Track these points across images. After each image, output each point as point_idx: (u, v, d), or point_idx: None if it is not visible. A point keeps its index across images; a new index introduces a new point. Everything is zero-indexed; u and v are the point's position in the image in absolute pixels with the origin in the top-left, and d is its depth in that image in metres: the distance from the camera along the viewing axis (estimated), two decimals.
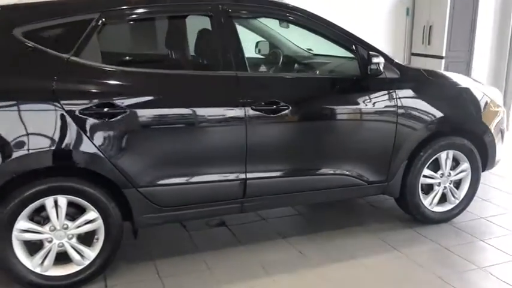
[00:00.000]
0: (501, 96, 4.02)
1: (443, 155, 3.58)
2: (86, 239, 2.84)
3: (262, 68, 3.92)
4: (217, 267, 3.11)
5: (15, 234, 2.64)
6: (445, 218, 3.73)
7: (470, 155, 3.65)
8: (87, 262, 2.83)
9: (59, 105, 2.58)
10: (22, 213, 2.63)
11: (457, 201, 3.74)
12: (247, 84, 3.00)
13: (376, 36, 7.00)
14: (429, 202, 3.64)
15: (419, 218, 3.66)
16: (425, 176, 3.57)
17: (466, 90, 3.66)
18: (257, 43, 4.21)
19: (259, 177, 3.09)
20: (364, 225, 3.69)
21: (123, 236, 2.91)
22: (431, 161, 3.55)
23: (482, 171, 3.83)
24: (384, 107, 3.31)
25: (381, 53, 3.30)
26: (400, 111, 3.34)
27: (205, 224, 3.72)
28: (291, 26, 3.45)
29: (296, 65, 3.94)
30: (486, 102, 3.70)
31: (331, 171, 3.27)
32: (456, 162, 3.68)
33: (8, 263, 2.66)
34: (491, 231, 3.61)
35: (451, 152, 3.60)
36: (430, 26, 6.75)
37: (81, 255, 2.82)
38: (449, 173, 3.65)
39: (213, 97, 2.95)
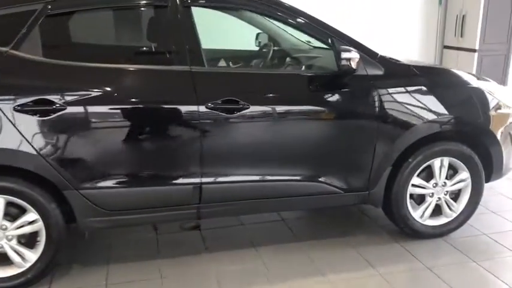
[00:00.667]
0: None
1: (436, 163, 3.17)
2: (30, 240, 2.73)
3: (246, 63, 3.65)
4: (171, 276, 2.90)
5: None
6: (439, 232, 3.32)
7: (470, 162, 3.22)
8: (28, 264, 2.71)
9: None
10: None
11: (454, 215, 3.32)
12: (202, 81, 2.75)
13: (406, 27, 6.53)
14: (420, 214, 3.24)
15: (408, 232, 3.27)
16: (414, 186, 3.18)
17: (467, 90, 3.22)
18: (257, 35, 3.95)
19: (216, 182, 2.85)
20: (346, 237, 3.36)
21: (65, 238, 2.77)
22: (422, 168, 3.15)
23: (487, 181, 3.38)
24: (362, 108, 2.96)
25: (360, 48, 2.95)
26: (382, 112, 2.97)
27: (179, 226, 3.54)
28: None
29: (275, 60, 3.62)
30: (492, 104, 3.24)
31: (300, 178, 2.96)
32: (454, 171, 3.27)
33: None
34: (491, 252, 3.16)
35: (446, 159, 3.18)
36: (463, 16, 6.17)
37: (22, 258, 2.70)
38: (445, 183, 3.24)
39: (164, 94, 2.72)
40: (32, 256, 2.71)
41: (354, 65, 2.79)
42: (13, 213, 2.66)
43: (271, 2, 2.88)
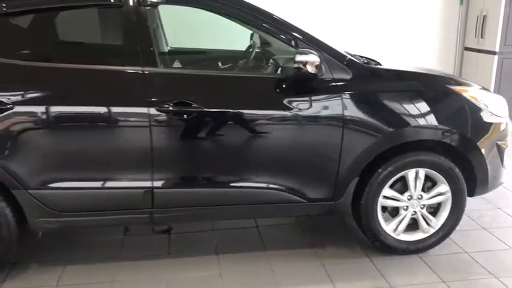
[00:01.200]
0: (505, 105, 3.23)
1: (410, 174, 2.95)
2: None
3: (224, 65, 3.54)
4: (123, 281, 2.85)
5: None
6: (415, 249, 3.09)
7: (449, 175, 2.98)
8: None
9: None
10: None
11: (432, 230, 3.09)
12: (154, 82, 2.67)
13: (425, 28, 6.23)
14: (393, 228, 3.04)
15: (380, 247, 3.07)
16: (387, 198, 2.98)
17: (447, 96, 2.97)
18: (252, 34, 3.84)
19: (168, 187, 2.76)
20: (316, 247, 3.19)
21: (17, 237, 2.76)
22: (394, 179, 2.95)
23: (471, 195, 3.13)
24: (325, 113, 2.78)
25: (326, 50, 2.78)
26: (348, 118, 2.78)
27: (151, 229, 3.48)
28: None
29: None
30: (476, 112, 2.99)
31: (258, 185, 2.83)
32: (434, 183, 3.04)
33: None
34: (467, 273, 2.91)
35: (422, 171, 2.96)
36: (484, 16, 5.80)
37: None
38: (421, 196, 3.02)
39: (115, 95, 2.66)
40: None
41: (311, 68, 2.63)
42: None
43: (229, 1, 2.76)
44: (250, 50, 3.65)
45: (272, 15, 2.83)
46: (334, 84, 2.79)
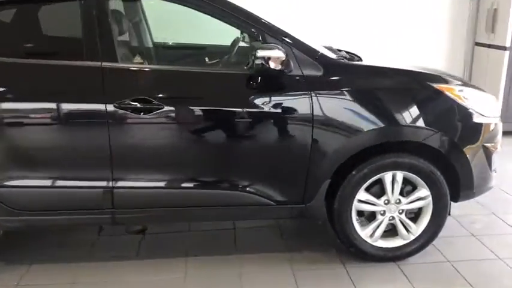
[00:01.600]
0: (495, 105, 3.01)
1: (387, 177, 2.78)
2: None
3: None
4: (83, 282, 2.77)
5: None
6: (393, 256, 2.92)
7: (430, 179, 2.79)
8: None
9: None
10: None
11: (412, 237, 2.90)
12: (113, 77, 2.57)
13: (434, 21, 5.96)
14: (369, 234, 2.87)
15: (355, 253, 2.91)
16: (362, 201, 2.81)
17: (427, 94, 2.77)
18: None
19: (129, 187, 2.66)
20: (291, 252, 3.04)
21: None
22: (370, 182, 2.78)
23: (455, 201, 2.94)
24: (292, 112, 2.63)
25: (296, 45, 2.63)
26: (317, 118, 2.62)
27: (125, 229, 3.40)
28: None
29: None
30: (459, 111, 2.79)
31: (222, 186, 2.71)
32: (414, 187, 2.85)
33: None
34: (444, 284, 2.72)
35: (399, 174, 2.78)
36: (495, 10, 5.49)
37: None
38: (399, 200, 2.84)
39: (72, 90, 2.57)
40: None
41: (274, 65, 2.48)
42: None
43: None
44: (234, 45, 3.52)
45: (239, 7, 2.69)
46: (303, 81, 2.63)
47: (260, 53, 2.45)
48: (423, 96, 2.77)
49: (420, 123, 2.71)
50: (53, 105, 2.54)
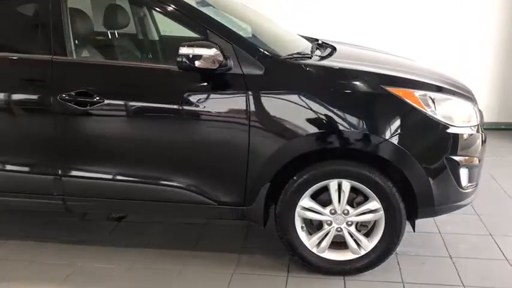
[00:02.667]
0: (469, 112, 2.65)
1: (332, 185, 2.59)
2: None
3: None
4: (33, 261, 2.94)
5: None
6: (341, 270, 2.72)
7: (380, 190, 2.55)
8: None
9: None
10: None
11: (363, 252, 2.68)
12: (61, 71, 2.69)
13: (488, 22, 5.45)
14: (314, 244, 2.71)
15: (300, 261, 2.76)
16: (306, 209, 2.66)
17: (377, 98, 2.53)
18: None
19: (76, 176, 2.78)
20: (244, 254, 2.97)
21: None
22: (314, 189, 2.62)
23: (414, 218, 2.66)
24: (228, 111, 2.56)
25: (236, 42, 2.55)
26: (255, 118, 2.52)
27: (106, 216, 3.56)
28: None
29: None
30: (416, 118, 2.50)
31: (161, 182, 2.71)
32: (367, 199, 2.63)
33: None
34: None
35: (346, 183, 2.58)
36: None
37: None
38: (347, 211, 2.63)
39: (24, 82, 2.73)
40: None
41: (198, 63, 2.41)
42: None
43: None
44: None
45: (187, 4, 2.66)
46: (241, 79, 2.54)
47: (182, 50, 2.41)
48: (372, 99, 2.54)
49: (366, 129, 2.49)
50: (5, 95, 2.74)
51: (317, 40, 3.51)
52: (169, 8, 2.65)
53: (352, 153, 2.56)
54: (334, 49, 3.15)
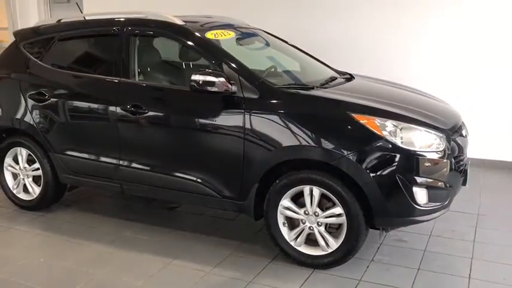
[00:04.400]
0: (431, 140, 3.08)
1: (305, 190, 3.19)
2: None
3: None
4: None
5: None
6: (313, 263, 3.27)
7: (342, 198, 3.08)
8: None
9: None
10: None
11: (330, 250, 3.21)
12: (124, 89, 3.74)
13: None
14: (292, 238, 3.30)
15: (281, 252, 3.36)
16: (286, 208, 3.28)
17: (343, 122, 3.11)
18: None
19: (128, 166, 3.77)
20: (238, 240, 3.68)
21: None
22: (293, 192, 3.24)
23: (372, 225, 3.13)
24: (229, 125, 3.33)
25: (240, 73, 3.35)
26: (249, 132, 3.26)
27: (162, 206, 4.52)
28: None
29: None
30: (371, 140, 3.01)
31: (182, 175, 3.56)
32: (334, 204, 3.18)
33: None
34: None
35: (316, 189, 3.16)
36: None
37: None
38: (317, 213, 3.19)
39: (106, 95, 3.81)
40: None
41: (210, 87, 3.22)
42: None
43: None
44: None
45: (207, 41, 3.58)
46: (242, 101, 3.30)
47: (194, 77, 3.26)
48: (338, 122, 3.13)
49: (329, 145, 3.07)
50: (86, 105, 3.90)
51: (345, 74, 4.16)
52: (195, 46, 3.60)
53: (320, 164, 3.14)
54: (347, 81, 3.84)
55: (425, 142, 3.07)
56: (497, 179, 5.20)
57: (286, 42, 4.51)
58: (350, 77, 4.09)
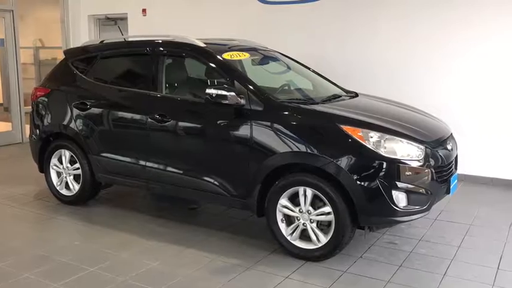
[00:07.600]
0: (412, 150, 3.51)
1: (300, 191, 3.67)
2: None
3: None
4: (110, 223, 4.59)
5: None
6: (306, 256, 3.72)
7: (330, 198, 3.54)
8: None
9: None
10: None
11: (320, 244, 3.65)
12: (152, 101, 4.37)
13: None
14: (288, 233, 3.77)
15: (278, 244, 3.83)
16: (283, 206, 3.75)
17: (332, 132, 3.60)
18: None
19: (153, 167, 4.37)
20: (257, 239, 4.12)
21: None
22: (290, 192, 3.72)
23: (357, 223, 3.56)
24: (237, 133, 3.87)
25: (248, 88, 3.89)
26: (253, 139, 3.79)
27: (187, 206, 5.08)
28: None
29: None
30: (356, 149, 3.48)
31: (198, 176, 4.12)
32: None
33: None
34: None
35: (308, 190, 3.63)
36: None
37: None
38: (310, 211, 3.64)
39: (138, 106, 4.46)
40: None
41: (223, 100, 3.78)
42: None
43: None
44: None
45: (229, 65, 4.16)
46: (249, 113, 3.84)
47: (208, 90, 3.82)
48: (328, 132, 3.63)
49: (319, 152, 3.56)
50: (128, 115, 4.51)
51: (351, 92, 4.67)
52: (212, 64, 4.20)
53: (313, 169, 3.61)
54: (350, 98, 4.36)
55: (406, 152, 3.50)
56: (502, 196, 5.45)
57: (302, 64, 5.06)
58: (355, 95, 4.58)
